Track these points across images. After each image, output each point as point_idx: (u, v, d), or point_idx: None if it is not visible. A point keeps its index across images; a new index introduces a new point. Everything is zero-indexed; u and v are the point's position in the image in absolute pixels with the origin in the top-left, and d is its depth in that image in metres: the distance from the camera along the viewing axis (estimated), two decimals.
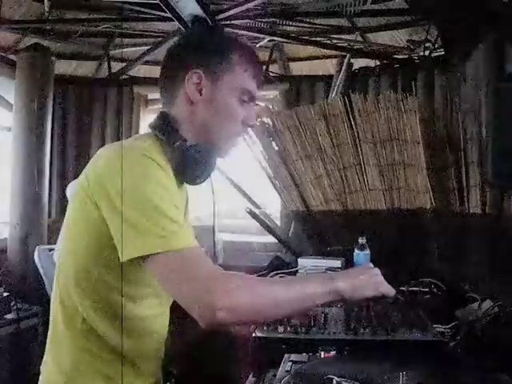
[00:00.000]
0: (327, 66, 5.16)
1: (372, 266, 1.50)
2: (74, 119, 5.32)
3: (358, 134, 3.44)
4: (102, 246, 1.34)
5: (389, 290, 1.43)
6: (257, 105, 1.64)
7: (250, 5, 3.73)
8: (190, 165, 1.42)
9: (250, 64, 1.49)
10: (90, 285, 1.39)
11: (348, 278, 1.39)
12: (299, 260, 3.11)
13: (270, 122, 3.67)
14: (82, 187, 1.36)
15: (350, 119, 3.47)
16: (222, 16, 3.72)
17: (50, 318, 1.49)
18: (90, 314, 1.40)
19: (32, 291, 4.00)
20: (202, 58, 1.47)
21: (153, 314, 1.51)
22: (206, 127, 1.47)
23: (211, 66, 1.46)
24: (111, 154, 1.36)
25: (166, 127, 1.45)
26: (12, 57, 4.74)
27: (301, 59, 5.40)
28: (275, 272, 2.99)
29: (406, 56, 4.52)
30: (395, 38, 4.64)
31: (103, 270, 1.37)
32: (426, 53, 4.23)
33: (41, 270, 3.58)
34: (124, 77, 5.36)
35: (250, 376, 1.52)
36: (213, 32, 1.59)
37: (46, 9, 4.27)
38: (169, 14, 3.34)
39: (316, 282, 1.37)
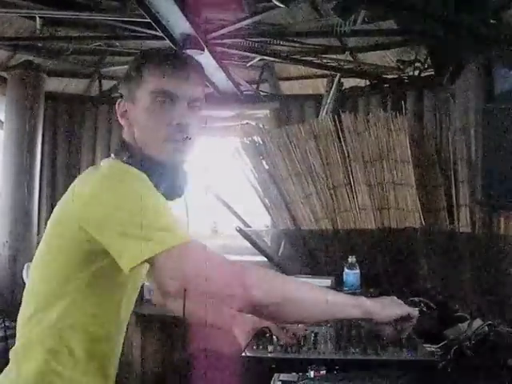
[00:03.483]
0: (317, 86, 5.17)
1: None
2: (64, 137, 5.27)
3: (348, 153, 3.45)
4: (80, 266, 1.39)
5: (413, 310, 1.49)
6: (247, 123, 1.63)
7: (241, 24, 3.74)
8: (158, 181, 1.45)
9: (160, 66, 1.49)
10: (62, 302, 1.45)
11: (372, 300, 1.45)
12: None
13: (261, 141, 3.69)
14: (68, 212, 1.40)
15: (339, 138, 3.49)
16: (212, 35, 3.73)
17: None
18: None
19: None
20: (123, 87, 1.55)
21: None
22: (144, 141, 1.50)
23: (129, 91, 1.52)
24: (94, 178, 1.41)
25: (124, 153, 1.49)
26: (3, 74, 4.73)
27: (291, 78, 5.41)
28: None
29: (396, 76, 4.54)
30: (385, 58, 4.66)
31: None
32: (416, 73, 4.25)
33: None
34: (115, 95, 5.36)
35: None
36: (134, 59, 1.58)
37: (38, 26, 4.27)
38: (160, 33, 3.34)
39: (346, 296, 1.45)
